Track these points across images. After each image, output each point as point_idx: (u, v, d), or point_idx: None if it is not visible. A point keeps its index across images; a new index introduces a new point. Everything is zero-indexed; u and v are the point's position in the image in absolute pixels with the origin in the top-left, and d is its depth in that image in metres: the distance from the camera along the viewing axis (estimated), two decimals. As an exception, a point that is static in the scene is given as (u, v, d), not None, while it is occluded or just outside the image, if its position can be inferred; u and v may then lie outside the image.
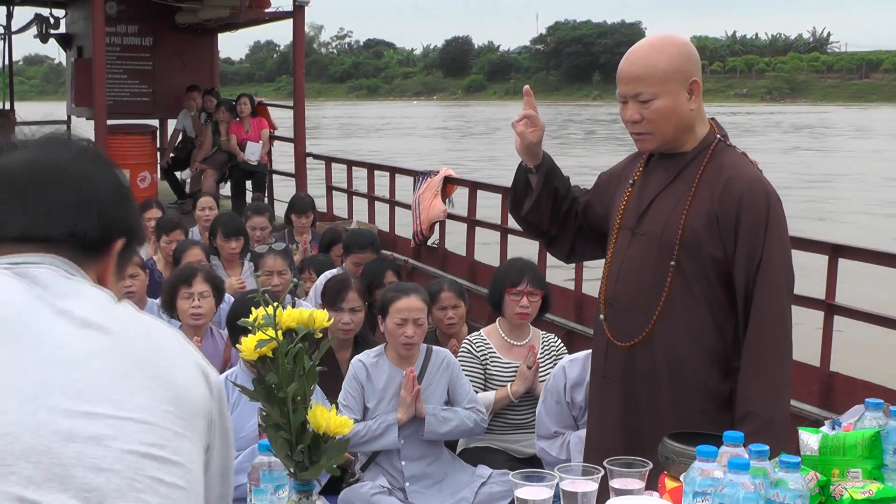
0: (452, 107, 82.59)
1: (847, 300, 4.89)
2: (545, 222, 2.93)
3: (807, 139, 40.72)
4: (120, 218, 1.36)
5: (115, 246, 1.36)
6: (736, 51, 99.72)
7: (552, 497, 1.86)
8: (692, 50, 2.68)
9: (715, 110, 30.87)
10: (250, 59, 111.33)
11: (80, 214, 1.30)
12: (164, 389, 1.26)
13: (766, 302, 2.52)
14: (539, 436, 3.75)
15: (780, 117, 57.41)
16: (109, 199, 1.34)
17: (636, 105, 2.62)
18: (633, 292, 2.67)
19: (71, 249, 1.31)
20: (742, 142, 2.86)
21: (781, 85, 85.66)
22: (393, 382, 3.85)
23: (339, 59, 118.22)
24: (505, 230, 7.22)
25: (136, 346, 1.27)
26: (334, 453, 1.94)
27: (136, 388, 1.23)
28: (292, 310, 1.96)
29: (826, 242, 4.98)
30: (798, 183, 22.62)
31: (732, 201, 2.55)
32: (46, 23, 11.95)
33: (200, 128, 11.32)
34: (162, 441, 1.23)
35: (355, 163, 10.57)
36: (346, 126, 53.08)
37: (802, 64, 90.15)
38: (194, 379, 1.32)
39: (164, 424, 1.24)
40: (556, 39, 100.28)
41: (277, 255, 5.34)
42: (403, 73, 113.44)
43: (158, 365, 1.27)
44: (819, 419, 4.08)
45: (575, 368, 3.61)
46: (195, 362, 1.35)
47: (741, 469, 1.67)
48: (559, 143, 35.95)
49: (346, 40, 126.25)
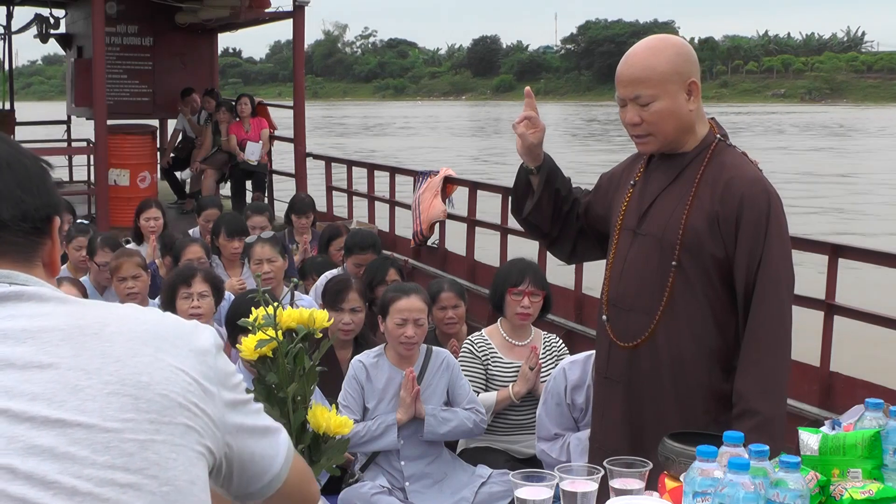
0: (483, 106, 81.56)
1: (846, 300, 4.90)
2: (546, 223, 2.93)
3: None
4: (51, 193, 1.33)
5: (54, 224, 1.33)
6: (770, 50, 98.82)
7: (552, 497, 1.86)
8: (690, 51, 2.68)
9: (752, 110, 30.44)
10: (272, 59, 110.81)
11: (24, 194, 1.27)
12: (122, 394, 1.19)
13: (766, 301, 2.52)
14: (539, 437, 3.75)
15: (823, 117, 56.36)
16: (39, 176, 1.31)
17: (636, 107, 2.63)
18: (635, 293, 2.67)
19: (23, 234, 1.27)
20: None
21: (821, 85, 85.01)
22: (393, 383, 3.85)
23: (363, 58, 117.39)
24: (505, 230, 7.22)
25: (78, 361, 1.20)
26: (334, 453, 1.94)
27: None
28: (292, 310, 1.96)
29: (826, 242, 4.98)
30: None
31: (733, 201, 2.55)
32: (46, 23, 11.96)
33: (199, 129, 11.33)
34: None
35: (355, 163, 10.58)
36: (390, 125, 52.66)
37: (841, 63, 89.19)
38: (171, 366, 1.24)
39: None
40: (587, 39, 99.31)
41: (266, 242, 5.33)
42: (430, 72, 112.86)
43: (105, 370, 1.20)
44: (819, 419, 4.08)
45: (575, 370, 3.61)
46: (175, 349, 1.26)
47: (741, 469, 1.67)
48: (595, 140, 35.57)
49: (370, 39, 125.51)
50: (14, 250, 1.27)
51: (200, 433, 1.24)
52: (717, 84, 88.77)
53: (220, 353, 1.32)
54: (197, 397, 1.24)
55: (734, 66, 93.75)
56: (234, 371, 1.35)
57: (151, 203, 6.89)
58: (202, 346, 1.29)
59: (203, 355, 1.28)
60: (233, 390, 1.32)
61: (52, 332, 1.21)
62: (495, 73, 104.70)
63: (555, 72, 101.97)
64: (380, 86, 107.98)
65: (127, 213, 8.08)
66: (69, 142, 13.56)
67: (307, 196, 8.00)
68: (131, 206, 7.43)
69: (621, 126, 2.80)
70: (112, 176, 9.85)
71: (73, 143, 13.49)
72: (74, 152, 13.21)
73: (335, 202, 10.67)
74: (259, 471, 1.38)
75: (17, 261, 1.27)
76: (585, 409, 3.54)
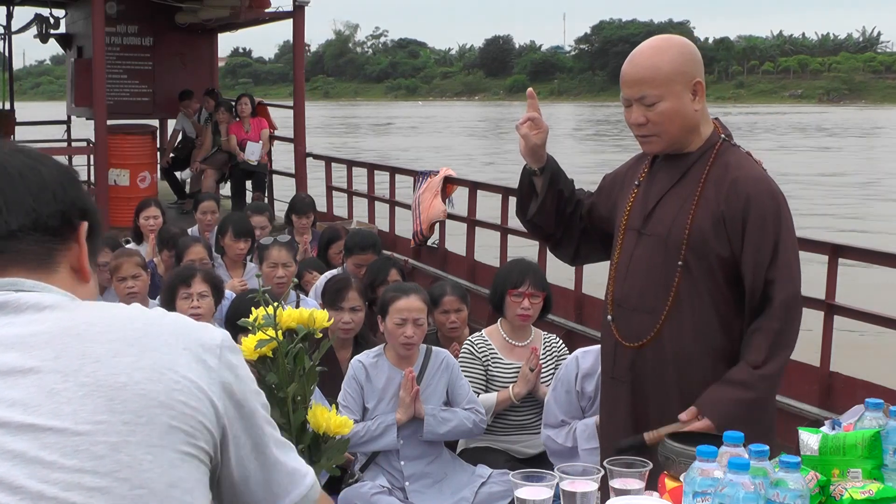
0: (497, 107, 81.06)
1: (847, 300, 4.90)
2: (550, 224, 2.93)
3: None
4: (74, 200, 1.32)
5: (80, 230, 1.33)
6: (786, 51, 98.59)
7: (552, 497, 1.85)
8: (694, 50, 2.69)
9: (770, 110, 30.11)
10: (281, 59, 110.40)
11: (37, 202, 1.28)
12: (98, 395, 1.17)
13: (775, 299, 2.53)
14: (546, 424, 3.76)
15: (849, 116, 55.83)
16: (59, 183, 1.31)
17: (641, 108, 2.63)
18: (640, 293, 2.68)
19: (36, 242, 1.27)
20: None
21: (839, 86, 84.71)
22: (392, 383, 3.85)
23: (375, 58, 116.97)
24: (505, 230, 7.22)
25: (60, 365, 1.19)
26: (334, 453, 1.94)
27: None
28: (292, 310, 1.95)
29: (826, 242, 4.98)
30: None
31: (739, 201, 2.56)
32: (46, 23, 11.95)
33: (199, 129, 11.33)
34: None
35: (355, 163, 10.58)
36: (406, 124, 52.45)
37: (858, 64, 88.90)
38: (156, 367, 1.21)
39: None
40: (601, 39, 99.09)
41: (282, 246, 5.33)
42: (442, 72, 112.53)
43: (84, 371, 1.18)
44: (819, 419, 4.08)
45: (588, 359, 3.62)
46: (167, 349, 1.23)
47: (741, 469, 1.67)
48: (611, 138, 35.31)
49: (381, 39, 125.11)
50: (26, 258, 1.27)
51: (189, 433, 1.20)
52: (733, 85, 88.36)
53: (227, 354, 1.28)
54: (187, 395, 1.20)
55: (750, 67, 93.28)
56: (247, 378, 1.30)
57: (151, 202, 6.90)
58: (205, 344, 1.26)
59: (205, 354, 1.24)
60: (242, 398, 1.27)
61: (39, 336, 1.20)
62: (508, 73, 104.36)
63: (568, 72, 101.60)
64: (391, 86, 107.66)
65: (127, 213, 8.08)
66: (69, 142, 13.56)
67: (307, 196, 7.99)
68: (131, 206, 7.43)
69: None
70: (112, 176, 9.85)
71: (73, 144, 13.49)
72: (74, 152, 13.19)
73: (335, 202, 10.67)
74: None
75: (30, 268, 1.27)
76: (594, 398, 3.55)
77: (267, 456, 1.32)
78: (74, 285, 1.32)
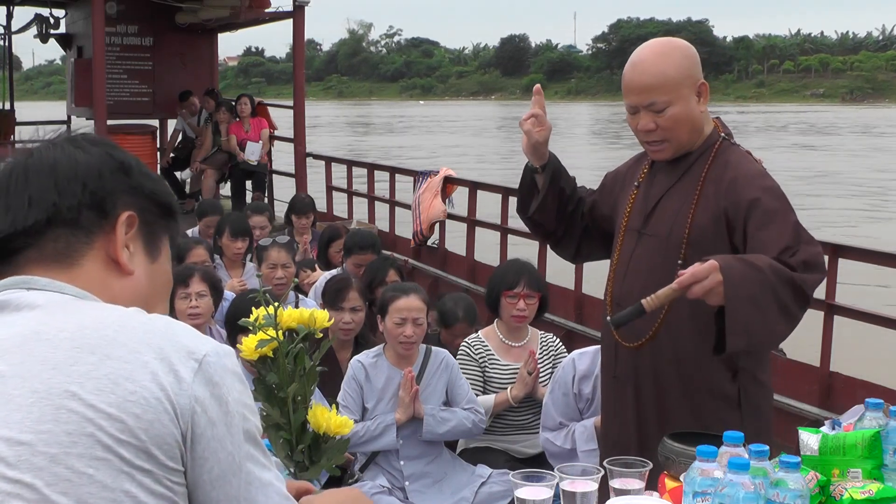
0: (514, 106, 79.74)
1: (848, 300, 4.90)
2: (551, 222, 2.93)
3: None
4: (117, 189, 1.29)
5: (118, 219, 1.28)
6: (806, 50, 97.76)
7: (552, 497, 1.85)
8: (695, 52, 2.70)
9: (792, 109, 29.96)
10: (293, 59, 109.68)
11: (59, 193, 1.25)
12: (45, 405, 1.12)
13: (796, 259, 2.43)
14: (544, 426, 3.76)
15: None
16: (99, 172, 1.28)
17: (650, 114, 2.62)
18: (640, 292, 2.66)
19: (54, 238, 1.25)
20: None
21: (863, 84, 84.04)
22: (392, 383, 3.85)
23: (389, 57, 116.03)
24: (505, 230, 7.22)
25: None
26: (334, 453, 1.94)
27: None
28: (293, 310, 1.95)
29: (826, 242, 4.98)
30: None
31: (739, 198, 2.55)
32: (46, 23, 11.95)
33: (198, 129, 11.33)
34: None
35: (355, 163, 10.58)
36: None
37: (880, 63, 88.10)
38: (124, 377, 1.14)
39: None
40: (618, 38, 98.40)
41: (282, 247, 5.33)
42: (457, 72, 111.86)
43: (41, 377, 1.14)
44: (819, 419, 4.08)
45: (584, 361, 3.62)
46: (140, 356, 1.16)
47: (741, 469, 1.67)
48: (630, 138, 35.11)
49: (395, 38, 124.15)
50: (43, 254, 1.26)
51: (139, 447, 1.13)
52: (753, 84, 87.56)
53: (210, 369, 1.19)
54: (142, 408, 1.13)
55: (770, 66, 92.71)
56: (227, 398, 1.20)
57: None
58: (185, 355, 1.18)
59: (179, 365, 1.17)
60: (214, 417, 1.18)
61: (12, 339, 1.17)
62: (524, 72, 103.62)
63: (585, 71, 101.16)
64: (406, 85, 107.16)
65: (127, 213, 8.05)
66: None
67: (307, 196, 7.99)
68: (131, 207, 7.40)
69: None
70: (112, 176, 9.82)
71: (73, 144, 13.46)
72: (74, 152, 13.18)
73: (335, 202, 10.67)
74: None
75: (47, 264, 1.26)
76: (591, 399, 3.55)
77: (241, 479, 1.21)
78: (107, 280, 1.28)
